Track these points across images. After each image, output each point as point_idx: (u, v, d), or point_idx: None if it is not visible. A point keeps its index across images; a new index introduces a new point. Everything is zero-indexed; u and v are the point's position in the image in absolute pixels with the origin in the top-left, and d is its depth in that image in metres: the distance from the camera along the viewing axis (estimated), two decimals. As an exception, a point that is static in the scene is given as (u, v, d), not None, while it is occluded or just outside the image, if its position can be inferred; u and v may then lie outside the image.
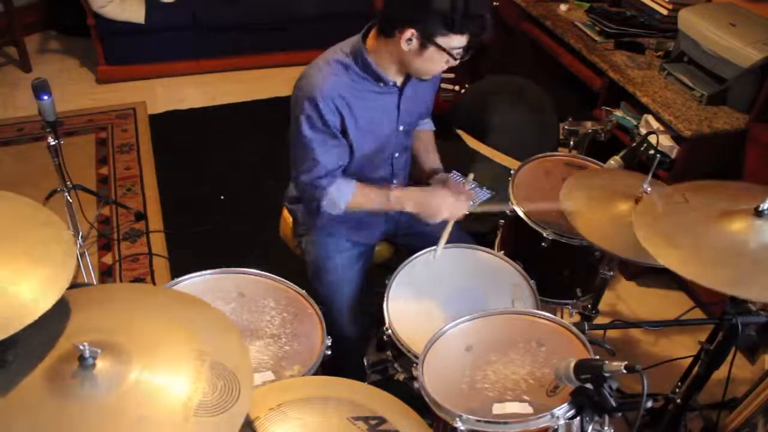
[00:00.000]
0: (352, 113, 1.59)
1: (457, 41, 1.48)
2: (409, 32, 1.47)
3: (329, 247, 1.78)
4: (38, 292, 0.96)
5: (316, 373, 1.42)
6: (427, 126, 1.94)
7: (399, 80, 1.64)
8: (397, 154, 1.77)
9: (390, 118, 1.68)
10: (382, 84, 1.61)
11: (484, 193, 2.36)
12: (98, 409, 0.91)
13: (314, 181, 1.62)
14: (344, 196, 1.63)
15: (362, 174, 1.69)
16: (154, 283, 2.56)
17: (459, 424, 1.23)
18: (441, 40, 1.47)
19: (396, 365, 1.63)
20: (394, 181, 1.82)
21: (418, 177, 1.90)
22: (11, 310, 0.93)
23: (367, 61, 1.56)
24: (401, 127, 1.72)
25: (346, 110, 1.58)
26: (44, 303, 0.95)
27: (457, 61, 1.53)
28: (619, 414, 1.09)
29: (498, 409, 1.28)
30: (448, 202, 1.64)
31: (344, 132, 1.61)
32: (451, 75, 3.32)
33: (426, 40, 1.47)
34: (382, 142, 1.69)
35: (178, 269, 2.52)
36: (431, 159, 1.88)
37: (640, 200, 1.56)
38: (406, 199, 1.66)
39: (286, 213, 1.99)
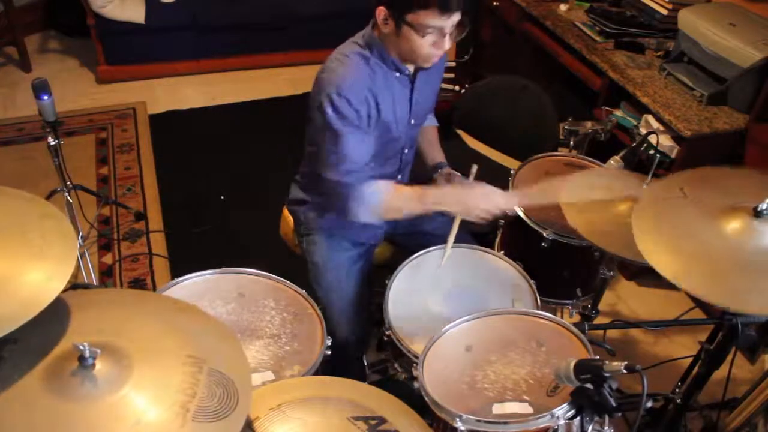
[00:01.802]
0: (377, 105, 1.57)
1: (425, 18, 1.43)
2: (382, 12, 1.47)
3: (331, 247, 1.78)
4: (41, 285, 0.97)
5: (316, 373, 1.42)
6: (431, 122, 1.94)
7: (411, 68, 1.63)
8: (406, 150, 1.76)
9: (404, 110, 1.67)
10: (398, 73, 1.60)
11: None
12: (97, 410, 0.91)
13: (343, 177, 1.53)
14: (378, 194, 1.54)
15: (372, 168, 1.65)
16: (154, 283, 2.56)
17: (459, 424, 1.23)
18: (410, 17, 1.44)
19: (396, 365, 1.62)
20: (399, 177, 1.81)
21: (420, 171, 1.89)
22: (14, 304, 0.93)
23: (382, 49, 1.55)
24: (413, 121, 1.71)
25: (373, 102, 1.55)
26: (47, 295, 0.95)
27: (445, 43, 1.49)
28: (619, 414, 1.09)
29: (498, 409, 1.28)
30: (485, 192, 1.56)
31: (369, 123, 1.58)
32: (451, 75, 3.32)
33: (396, 18, 1.46)
34: (396, 136, 1.67)
35: (178, 269, 2.52)
36: (436, 154, 1.87)
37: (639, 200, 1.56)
38: (445, 199, 1.58)
39: (286, 212, 1.99)
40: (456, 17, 1.46)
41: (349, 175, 1.54)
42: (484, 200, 1.54)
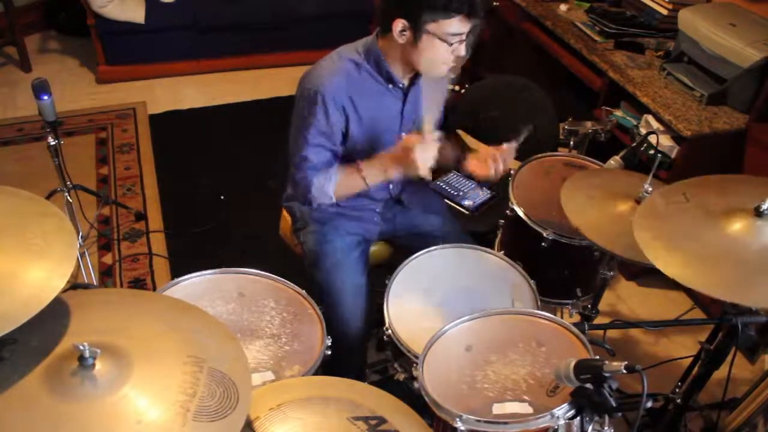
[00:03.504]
0: (357, 113, 1.59)
1: (450, 26, 1.45)
2: (400, 23, 1.47)
3: (326, 233, 1.79)
4: (41, 284, 0.97)
5: (316, 373, 1.42)
6: None
7: (406, 81, 1.64)
8: None
9: (393, 122, 1.68)
10: (391, 85, 1.61)
11: (485, 193, 2.37)
12: (97, 410, 0.91)
13: (304, 174, 1.62)
14: (329, 179, 1.62)
15: None
16: (154, 283, 2.56)
17: (459, 424, 1.23)
18: (432, 27, 1.45)
19: (396, 365, 1.63)
20: (390, 187, 1.82)
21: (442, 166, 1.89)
22: (14, 303, 0.93)
23: (380, 59, 1.56)
24: (403, 133, 1.72)
25: (351, 109, 1.58)
26: (47, 294, 0.95)
27: (461, 49, 1.50)
28: (619, 414, 1.09)
29: (498, 409, 1.28)
30: (416, 142, 1.53)
31: (346, 132, 1.61)
32: (452, 75, 3.32)
33: (417, 28, 1.47)
34: (383, 146, 1.69)
35: (178, 269, 2.52)
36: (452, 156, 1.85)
37: (640, 201, 1.56)
38: (385, 166, 1.60)
39: (285, 213, 1.99)
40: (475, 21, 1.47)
41: (308, 171, 1.62)
42: (413, 150, 1.52)
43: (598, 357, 1.19)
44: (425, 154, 1.52)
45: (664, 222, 1.36)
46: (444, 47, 1.49)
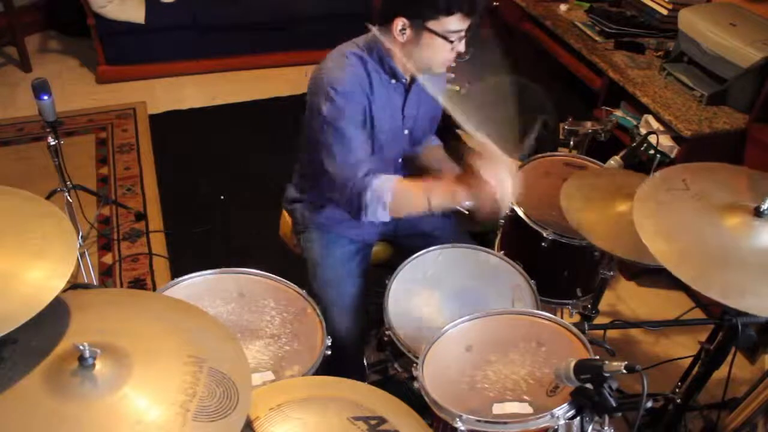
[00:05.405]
0: (370, 106, 1.58)
1: (450, 24, 1.45)
2: (400, 22, 1.47)
3: (327, 243, 1.78)
4: (41, 284, 0.97)
5: (316, 373, 1.42)
6: (435, 142, 1.91)
7: (408, 77, 1.63)
8: (400, 160, 1.77)
9: (396, 117, 1.68)
10: (394, 80, 1.61)
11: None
12: (97, 411, 0.91)
13: (351, 170, 1.51)
14: (387, 187, 1.51)
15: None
16: (154, 284, 2.56)
17: (459, 424, 1.23)
18: (432, 25, 1.46)
19: (396, 365, 1.62)
20: None
21: None
22: (14, 303, 0.93)
23: (382, 54, 1.56)
24: (406, 131, 1.71)
25: (367, 102, 1.56)
26: (47, 294, 0.95)
27: (461, 46, 1.51)
28: (619, 414, 1.09)
29: (498, 409, 1.28)
30: (506, 178, 1.46)
31: (364, 122, 1.59)
32: (451, 75, 3.32)
33: (417, 27, 1.47)
34: (390, 140, 1.68)
35: (178, 269, 2.53)
36: (449, 167, 1.78)
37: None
38: (459, 192, 1.48)
39: (285, 213, 1.99)
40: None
41: (358, 168, 1.52)
42: (498, 195, 1.45)
43: (598, 357, 1.19)
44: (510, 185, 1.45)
45: (661, 208, 1.35)
46: (445, 45, 1.49)
